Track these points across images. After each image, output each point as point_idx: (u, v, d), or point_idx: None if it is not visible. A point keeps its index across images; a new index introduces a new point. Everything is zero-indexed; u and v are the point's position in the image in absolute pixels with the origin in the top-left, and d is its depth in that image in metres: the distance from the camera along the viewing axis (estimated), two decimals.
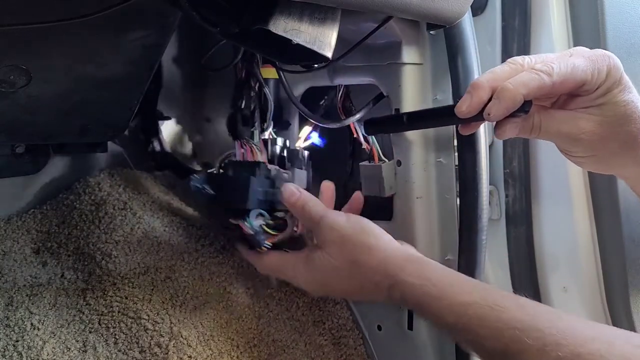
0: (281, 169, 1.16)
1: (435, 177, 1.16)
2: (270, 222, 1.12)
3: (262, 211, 1.10)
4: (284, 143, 1.28)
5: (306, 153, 1.25)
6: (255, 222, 1.08)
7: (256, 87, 1.28)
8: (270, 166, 1.15)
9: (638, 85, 1.13)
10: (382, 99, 1.18)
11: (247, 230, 1.09)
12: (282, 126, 1.44)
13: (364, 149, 1.24)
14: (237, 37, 0.87)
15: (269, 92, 1.27)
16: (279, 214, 1.14)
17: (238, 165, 1.15)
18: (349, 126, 1.24)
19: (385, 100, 1.18)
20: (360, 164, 1.25)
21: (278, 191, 1.11)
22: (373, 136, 1.21)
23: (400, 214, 1.20)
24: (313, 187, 1.21)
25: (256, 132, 1.25)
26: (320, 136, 1.34)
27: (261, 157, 1.17)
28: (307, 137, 1.29)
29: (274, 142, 1.27)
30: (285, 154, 1.24)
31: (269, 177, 1.12)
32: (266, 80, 1.26)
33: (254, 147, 1.18)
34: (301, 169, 1.22)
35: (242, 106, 1.27)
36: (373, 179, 1.22)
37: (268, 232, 1.11)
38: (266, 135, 1.27)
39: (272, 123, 1.30)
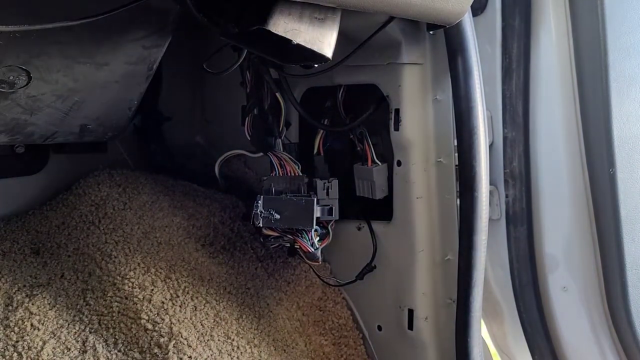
0: (321, 179, 1.20)
1: (435, 177, 1.16)
2: (321, 233, 1.19)
3: (317, 227, 1.16)
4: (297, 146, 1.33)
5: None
6: (316, 241, 1.14)
7: (268, 94, 1.29)
8: (318, 181, 1.19)
9: (638, 85, 1.13)
10: (383, 101, 1.18)
11: (308, 249, 1.13)
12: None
13: (358, 150, 1.26)
14: (238, 37, 0.87)
15: (280, 96, 1.29)
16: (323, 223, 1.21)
17: (282, 181, 1.18)
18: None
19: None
20: (354, 165, 1.26)
21: (327, 208, 1.17)
22: (369, 138, 1.23)
23: (400, 214, 1.20)
24: None
25: (279, 141, 1.28)
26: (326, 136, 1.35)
27: (298, 169, 1.21)
28: (323, 142, 1.30)
29: (292, 147, 1.31)
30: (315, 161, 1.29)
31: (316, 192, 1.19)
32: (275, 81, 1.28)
33: (290, 160, 1.22)
34: (327, 174, 1.26)
35: (257, 113, 1.30)
36: (365, 181, 1.23)
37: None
38: (282, 138, 1.30)
39: (285, 129, 1.32)
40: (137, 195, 1.36)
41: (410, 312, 1.20)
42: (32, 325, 1.05)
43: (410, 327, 1.21)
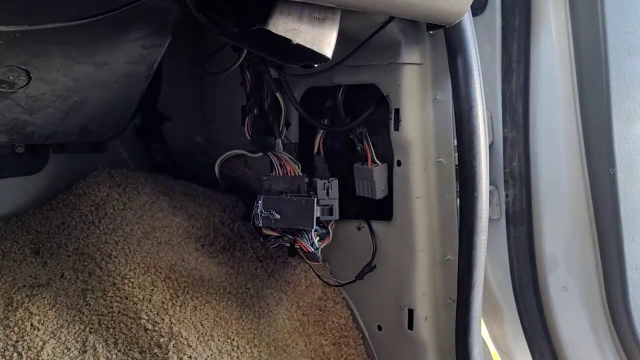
0: (321, 179, 1.20)
1: (435, 177, 1.16)
2: (321, 233, 1.19)
3: (317, 227, 1.16)
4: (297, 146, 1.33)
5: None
6: (316, 241, 1.14)
7: (268, 94, 1.30)
8: (318, 181, 1.19)
9: (638, 85, 1.13)
10: (383, 101, 1.18)
11: (308, 249, 1.13)
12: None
13: (358, 150, 1.26)
14: (238, 37, 0.87)
15: (280, 96, 1.29)
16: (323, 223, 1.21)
17: (282, 181, 1.18)
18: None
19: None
20: (354, 165, 1.26)
21: (327, 208, 1.17)
22: (369, 138, 1.23)
23: (400, 214, 1.20)
24: None
25: (279, 141, 1.28)
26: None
27: (298, 169, 1.21)
28: (323, 142, 1.31)
29: (292, 147, 1.31)
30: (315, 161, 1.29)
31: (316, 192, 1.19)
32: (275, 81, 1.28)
33: (290, 160, 1.22)
34: (327, 174, 1.26)
35: (257, 113, 1.30)
36: (365, 181, 1.23)
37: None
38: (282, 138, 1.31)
39: (285, 129, 1.33)
40: (137, 195, 1.36)
41: (410, 312, 1.20)
42: (32, 325, 1.05)
43: (410, 327, 1.21)
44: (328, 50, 0.83)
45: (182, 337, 1.06)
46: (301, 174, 1.20)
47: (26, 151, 1.33)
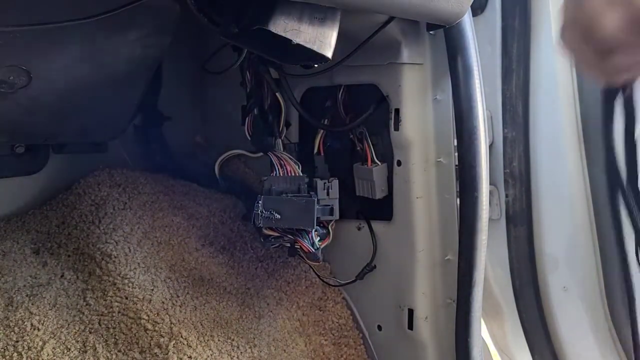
0: (322, 179, 1.21)
1: (435, 177, 1.16)
2: (322, 233, 1.19)
3: (317, 227, 1.16)
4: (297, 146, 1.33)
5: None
6: (316, 241, 1.14)
7: (268, 94, 1.30)
8: (319, 181, 1.19)
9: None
10: (383, 101, 1.19)
11: (308, 249, 1.13)
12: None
13: (358, 150, 1.26)
14: (238, 37, 0.87)
15: (280, 96, 1.29)
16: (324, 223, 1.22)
17: (282, 181, 1.18)
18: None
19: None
20: (354, 165, 1.26)
21: (328, 208, 1.18)
22: (369, 138, 1.23)
23: (400, 214, 1.20)
24: None
25: (279, 142, 1.28)
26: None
27: (298, 169, 1.21)
28: (324, 142, 1.31)
29: (292, 147, 1.31)
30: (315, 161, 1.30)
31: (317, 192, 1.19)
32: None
33: (290, 160, 1.22)
34: (327, 174, 1.27)
35: (257, 113, 1.30)
36: (365, 181, 1.23)
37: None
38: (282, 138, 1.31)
39: (285, 129, 1.33)
40: (137, 195, 1.36)
41: (410, 312, 1.20)
42: (32, 325, 1.05)
43: (410, 327, 1.21)
44: (328, 50, 0.83)
45: (182, 337, 1.06)
46: (301, 174, 1.20)
47: (26, 151, 1.33)
